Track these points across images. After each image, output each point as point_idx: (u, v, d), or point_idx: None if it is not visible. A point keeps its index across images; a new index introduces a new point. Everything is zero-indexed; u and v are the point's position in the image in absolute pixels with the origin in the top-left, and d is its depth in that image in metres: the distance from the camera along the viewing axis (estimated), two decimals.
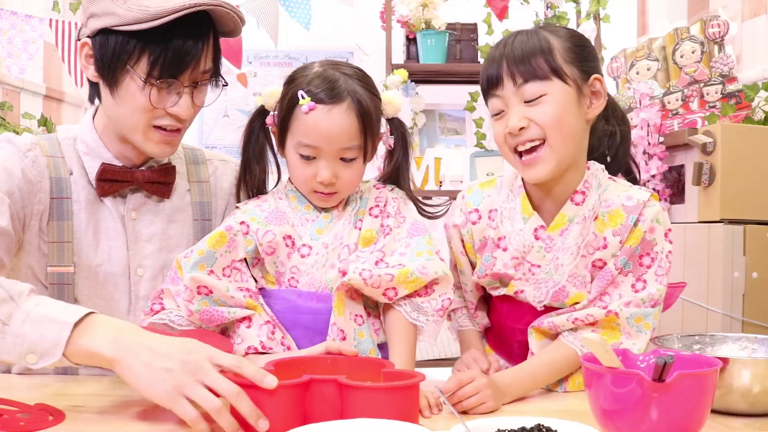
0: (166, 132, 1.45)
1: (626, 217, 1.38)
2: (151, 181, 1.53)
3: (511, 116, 1.36)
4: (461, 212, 1.51)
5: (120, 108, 1.44)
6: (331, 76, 1.42)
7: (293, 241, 1.45)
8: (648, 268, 1.38)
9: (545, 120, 1.34)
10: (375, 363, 1.24)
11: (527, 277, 1.43)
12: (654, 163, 2.65)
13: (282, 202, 1.49)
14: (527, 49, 1.36)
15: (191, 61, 1.39)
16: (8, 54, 3.01)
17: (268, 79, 4.11)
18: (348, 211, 1.49)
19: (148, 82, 1.38)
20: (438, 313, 1.41)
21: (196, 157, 1.66)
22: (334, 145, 1.41)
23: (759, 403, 1.19)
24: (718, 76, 2.85)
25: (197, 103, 1.47)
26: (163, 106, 1.42)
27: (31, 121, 3.34)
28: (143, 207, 1.54)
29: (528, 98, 1.35)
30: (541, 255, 1.41)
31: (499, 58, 1.37)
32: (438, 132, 3.94)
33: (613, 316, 1.36)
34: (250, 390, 1.08)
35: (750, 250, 2.25)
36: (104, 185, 1.50)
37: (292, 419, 1.07)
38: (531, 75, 1.35)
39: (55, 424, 1.14)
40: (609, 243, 1.38)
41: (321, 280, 1.43)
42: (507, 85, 1.36)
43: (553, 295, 1.42)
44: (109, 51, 1.39)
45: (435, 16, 3.51)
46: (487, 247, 1.47)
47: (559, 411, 1.25)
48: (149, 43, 1.36)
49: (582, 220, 1.39)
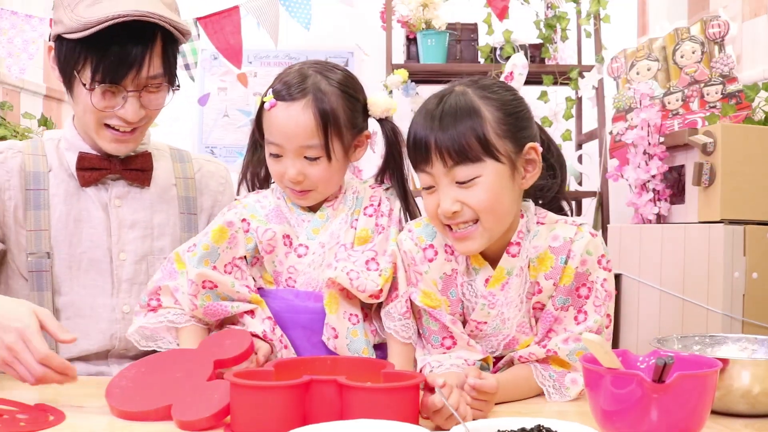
0: (118, 132, 1.53)
1: (555, 258, 1.35)
2: (129, 168, 1.60)
3: (443, 198, 1.31)
4: (416, 246, 1.41)
5: (76, 108, 1.54)
6: (301, 75, 1.43)
7: (291, 241, 1.46)
8: (586, 298, 1.35)
9: (479, 205, 1.30)
10: (375, 364, 1.24)
11: (475, 333, 1.40)
12: (654, 164, 2.65)
13: (280, 201, 1.51)
14: (459, 128, 1.28)
15: (131, 67, 1.45)
16: (8, 54, 3.01)
17: (268, 79, 4.06)
18: (344, 211, 1.50)
19: (90, 87, 1.45)
20: (404, 317, 1.40)
21: (182, 156, 1.73)
22: (293, 142, 1.42)
23: (759, 404, 1.19)
24: (719, 77, 2.84)
25: (150, 107, 1.53)
26: (109, 109, 1.49)
27: (31, 121, 3.33)
28: (128, 195, 1.62)
29: (460, 180, 1.29)
30: (486, 312, 1.37)
31: (427, 133, 1.29)
32: None
33: (554, 355, 1.34)
34: (252, 392, 1.08)
35: (750, 250, 2.25)
36: (84, 174, 1.58)
37: (292, 419, 1.07)
38: (462, 158, 1.28)
39: (55, 424, 1.14)
40: (543, 287, 1.36)
41: (318, 280, 1.44)
42: (436, 165, 1.30)
43: (504, 345, 1.40)
44: (62, 57, 1.48)
45: (435, 16, 3.50)
46: (450, 283, 1.40)
47: (559, 411, 1.25)
48: (91, 50, 1.44)
49: (520, 271, 1.36)
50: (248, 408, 1.08)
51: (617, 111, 3.09)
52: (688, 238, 2.39)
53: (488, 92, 1.33)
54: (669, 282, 2.45)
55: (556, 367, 1.35)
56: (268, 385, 1.11)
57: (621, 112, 3.05)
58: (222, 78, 4.09)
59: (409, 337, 1.41)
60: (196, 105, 3.97)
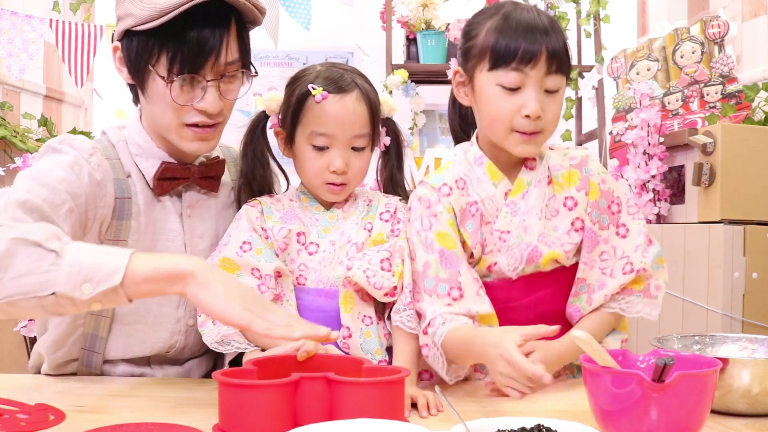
0: (199, 129, 1.44)
1: (579, 172, 1.47)
2: (204, 176, 1.53)
3: (533, 100, 1.35)
4: (431, 189, 1.45)
5: (152, 108, 1.44)
6: (335, 72, 1.49)
7: (304, 239, 1.49)
8: (619, 213, 1.47)
9: (554, 115, 1.40)
10: (354, 361, 1.24)
11: (498, 246, 1.44)
12: (654, 164, 2.65)
13: (294, 203, 1.53)
14: (561, 41, 1.36)
15: (210, 53, 1.36)
16: (8, 54, 3.01)
17: (268, 80, 4.10)
18: (354, 214, 1.53)
19: (169, 79, 1.37)
20: (409, 307, 1.42)
21: (233, 155, 1.68)
22: (347, 131, 1.46)
23: (759, 404, 1.19)
24: (718, 77, 2.85)
25: (228, 96, 1.44)
26: (189, 103, 1.40)
27: (31, 121, 3.34)
28: (197, 204, 1.54)
29: (549, 89, 1.37)
30: (508, 220, 1.44)
31: (537, 37, 1.34)
32: (438, 132, 3.94)
33: (643, 273, 1.43)
34: (239, 390, 1.07)
35: (750, 250, 2.25)
36: (163, 184, 1.48)
37: (284, 418, 1.07)
38: (560, 68, 1.37)
39: (55, 424, 1.14)
40: (577, 199, 1.45)
41: (329, 277, 1.47)
42: (539, 68, 1.35)
43: (527, 257, 1.43)
44: (134, 52, 1.39)
45: (435, 17, 3.51)
46: (466, 216, 1.45)
47: (559, 411, 1.25)
48: (166, 40, 1.35)
49: (538, 183, 1.45)
50: (238, 407, 1.07)
51: (617, 111, 3.09)
52: (688, 239, 2.39)
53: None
54: (669, 282, 2.45)
55: (636, 287, 1.44)
56: (260, 384, 1.10)
57: (621, 112, 3.05)
58: None
59: (414, 327, 1.42)
60: None
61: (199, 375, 1.58)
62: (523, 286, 1.45)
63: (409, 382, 1.23)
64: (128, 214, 1.45)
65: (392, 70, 3.45)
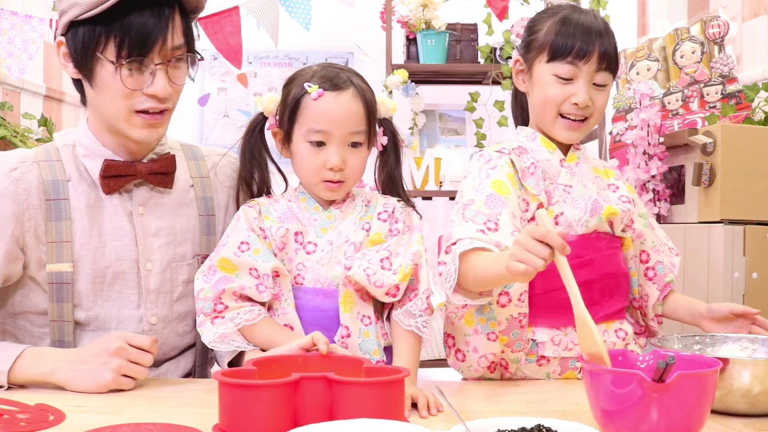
0: (149, 115, 1.46)
1: (615, 171, 1.70)
2: (154, 173, 1.53)
3: (583, 91, 1.52)
4: (494, 151, 1.58)
5: (101, 98, 1.46)
6: (331, 70, 1.51)
7: (302, 238, 1.49)
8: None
9: (600, 108, 1.57)
10: (354, 361, 1.24)
11: (564, 198, 1.56)
12: (654, 164, 2.65)
13: (292, 204, 1.54)
14: (612, 43, 1.54)
15: (157, 37, 1.40)
16: (8, 54, 3.01)
17: (268, 80, 4.10)
18: (352, 214, 1.53)
19: (118, 63, 1.40)
20: (425, 312, 1.44)
21: (194, 153, 1.67)
22: (344, 128, 1.47)
23: (759, 404, 1.19)
24: (718, 77, 2.85)
25: (175, 81, 1.47)
26: (138, 88, 1.43)
27: (31, 121, 3.34)
28: (149, 202, 1.55)
29: (597, 83, 1.54)
30: (569, 177, 1.58)
31: (593, 36, 1.51)
32: (438, 132, 3.94)
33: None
34: (239, 390, 1.07)
35: (750, 250, 2.25)
36: (109, 182, 1.50)
37: (284, 418, 1.07)
38: (609, 66, 1.54)
39: (55, 424, 1.14)
40: (619, 186, 1.65)
41: (327, 277, 1.47)
42: (591, 64, 1.52)
43: (591, 208, 1.54)
44: (80, 43, 1.42)
45: (435, 17, 3.50)
46: (526, 175, 1.57)
47: (559, 411, 1.26)
48: (113, 25, 1.39)
49: (584, 159, 1.62)
50: (238, 407, 1.07)
51: (617, 111, 3.09)
52: (688, 239, 2.39)
53: None
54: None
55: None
56: (260, 384, 1.10)
57: (621, 112, 3.05)
58: (222, 78, 4.10)
59: (428, 333, 1.45)
60: (196, 105, 3.96)
61: (177, 377, 1.58)
62: (578, 248, 1.50)
63: (409, 382, 1.23)
64: (66, 215, 1.48)
65: (392, 70, 3.44)
